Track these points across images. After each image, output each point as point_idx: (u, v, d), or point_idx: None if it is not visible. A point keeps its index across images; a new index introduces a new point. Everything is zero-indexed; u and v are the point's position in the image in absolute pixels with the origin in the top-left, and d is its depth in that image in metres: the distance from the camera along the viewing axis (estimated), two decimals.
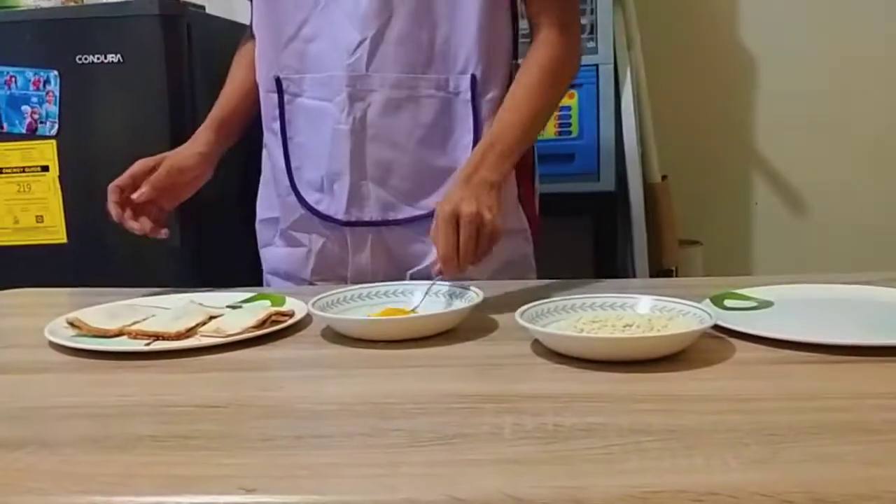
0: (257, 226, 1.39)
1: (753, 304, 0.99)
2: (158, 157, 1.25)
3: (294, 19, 1.22)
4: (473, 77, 1.20)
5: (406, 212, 1.24)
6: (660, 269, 2.33)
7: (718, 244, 2.67)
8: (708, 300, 0.95)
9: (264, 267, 1.39)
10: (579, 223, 2.43)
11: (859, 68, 2.63)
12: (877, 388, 0.72)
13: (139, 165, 1.23)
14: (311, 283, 1.31)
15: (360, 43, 1.19)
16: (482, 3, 1.18)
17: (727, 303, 0.98)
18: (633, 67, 2.32)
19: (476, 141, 1.21)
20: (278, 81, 1.25)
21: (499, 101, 1.20)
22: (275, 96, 1.26)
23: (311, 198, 1.27)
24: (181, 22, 1.83)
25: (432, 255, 1.11)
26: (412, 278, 1.24)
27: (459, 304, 1.01)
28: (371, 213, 1.25)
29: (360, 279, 1.25)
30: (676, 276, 2.33)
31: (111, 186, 1.20)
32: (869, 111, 2.64)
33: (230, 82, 1.36)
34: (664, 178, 2.43)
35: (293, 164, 1.27)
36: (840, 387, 0.73)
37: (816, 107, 2.65)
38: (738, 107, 2.71)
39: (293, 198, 1.28)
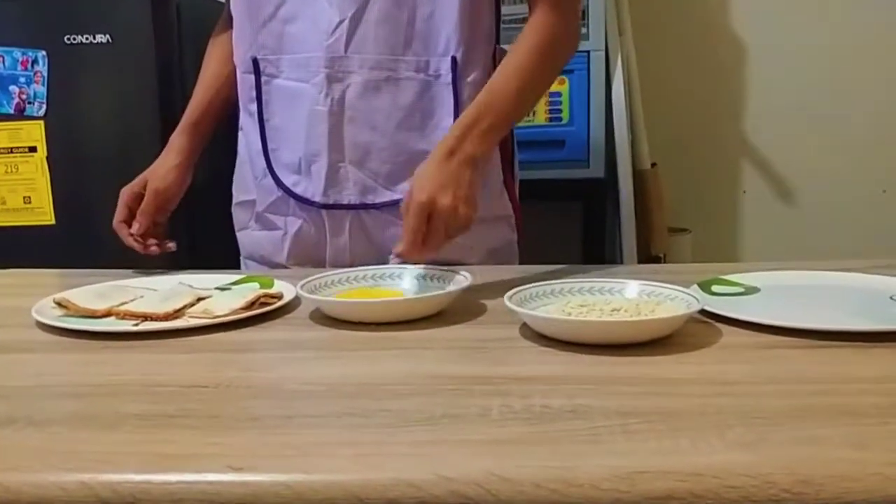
0: (233, 209, 1.37)
1: (740, 289, 1.00)
2: (140, 180, 1.27)
3: None
4: (454, 59, 1.19)
5: (385, 195, 1.23)
6: (648, 256, 2.34)
7: (707, 232, 2.69)
8: (695, 286, 0.96)
9: (241, 251, 1.38)
10: (569, 209, 2.44)
11: (849, 58, 2.64)
12: (863, 372, 0.73)
13: (127, 196, 1.26)
14: (286, 268, 1.29)
15: (340, 23, 1.17)
16: None
17: (714, 288, 0.99)
18: (625, 54, 2.32)
19: None
20: (255, 62, 1.24)
21: (480, 85, 1.17)
22: (251, 77, 1.25)
23: (287, 180, 1.25)
24: (171, 2, 1.82)
25: None
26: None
27: (447, 287, 1.01)
28: (349, 196, 1.23)
29: (338, 263, 1.24)
30: (665, 262, 2.34)
31: (117, 225, 1.25)
32: (857, 100, 2.65)
33: (201, 80, 1.35)
34: (654, 165, 2.44)
35: (270, 147, 1.26)
36: (826, 371, 0.74)
37: (806, 96, 2.66)
38: (727, 95, 2.71)
39: (269, 180, 1.26)
